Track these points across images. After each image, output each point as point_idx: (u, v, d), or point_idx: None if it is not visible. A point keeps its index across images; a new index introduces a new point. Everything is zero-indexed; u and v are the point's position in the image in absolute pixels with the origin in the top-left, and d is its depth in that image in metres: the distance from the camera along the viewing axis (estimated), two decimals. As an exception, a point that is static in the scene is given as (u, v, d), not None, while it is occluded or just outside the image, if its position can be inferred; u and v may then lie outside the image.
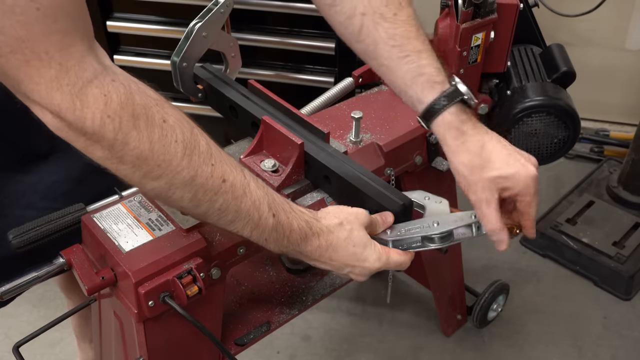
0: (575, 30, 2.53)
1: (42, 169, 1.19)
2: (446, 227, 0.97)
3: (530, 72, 1.51)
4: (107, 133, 0.71)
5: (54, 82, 0.67)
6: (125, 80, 0.74)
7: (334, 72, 2.11)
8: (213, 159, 0.81)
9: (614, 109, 2.72)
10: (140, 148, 0.74)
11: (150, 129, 0.74)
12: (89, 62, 0.70)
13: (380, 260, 0.94)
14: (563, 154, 1.50)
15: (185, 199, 0.81)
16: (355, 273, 0.96)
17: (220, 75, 1.25)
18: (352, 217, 0.95)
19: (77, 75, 0.68)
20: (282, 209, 0.89)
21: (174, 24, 2.16)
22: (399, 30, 0.93)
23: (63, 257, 0.97)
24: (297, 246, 0.91)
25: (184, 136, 0.78)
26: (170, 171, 0.77)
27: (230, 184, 0.83)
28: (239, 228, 0.87)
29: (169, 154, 0.76)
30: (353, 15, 0.95)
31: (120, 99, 0.71)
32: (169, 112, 0.78)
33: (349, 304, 2.03)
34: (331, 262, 0.94)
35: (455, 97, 0.93)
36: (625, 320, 1.97)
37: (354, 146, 1.26)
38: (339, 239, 0.93)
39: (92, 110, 0.70)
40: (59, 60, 0.67)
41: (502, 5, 1.36)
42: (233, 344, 1.19)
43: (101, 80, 0.70)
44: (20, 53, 0.65)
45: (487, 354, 1.88)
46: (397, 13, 0.94)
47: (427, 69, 0.94)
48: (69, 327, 1.76)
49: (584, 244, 2.11)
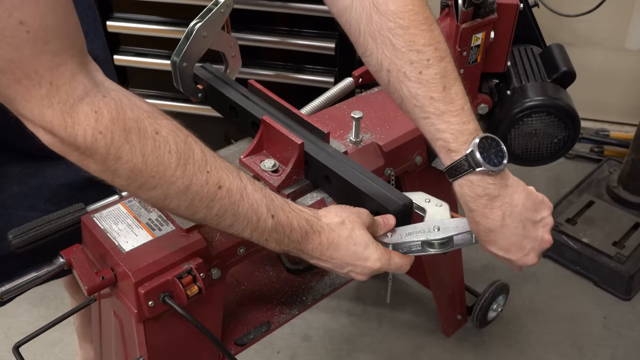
0: (575, 30, 2.53)
1: (49, 173, 1.20)
2: (447, 233, 0.97)
3: (530, 72, 1.51)
4: (100, 148, 0.72)
5: (45, 101, 0.68)
6: (117, 95, 0.74)
7: (334, 72, 2.11)
8: (208, 166, 0.81)
9: (614, 109, 2.72)
10: (134, 161, 0.75)
11: (143, 142, 0.75)
12: (80, 80, 0.70)
13: (381, 261, 0.94)
14: (563, 154, 1.50)
15: (182, 207, 0.82)
16: (355, 272, 0.96)
17: (220, 75, 1.25)
18: (354, 216, 0.95)
19: (67, 93, 0.69)
20: (281, 209, 0.89)
21: (174, 24, 2.16)
22: (421, 91, 0.88)
23: (63, 257, 0.97)
24: (298, 244, 0.91)
25: (177, 146, 0.78)
26: (165, 182, 0.78)
27: (226, 189, 0.83)
28: (239, 230, 0.87)
29: (162, 165, 0.77)
30: (380, 70, 0.92)
31: (112, 115, 0.72)
32: (162, 123, 0.78)
33: (349, 304, 2.03)
34: (332, 260, 0.94)
35: (463, 171, 0.88)
36: (625, 320, 1.97)
37: (354, 146, 1.26)
38: (340, 237, 0.92)
39: (84, 126, 0.70)
40: (49, 79, 0.68)
41: (502, 5, 1.36)
42: (233, 344, 1.19)
43: (92, 97, 0.71)
44: (10, 73, 0.66)
45: (487, 354, 1.88)
46: (422, 72, 0.88)
47: (443, 135, 0.89)
48: (69, 327, 1.76)
49: (584, 244, 2.11)
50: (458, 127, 0.88)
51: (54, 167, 1.20)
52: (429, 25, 0.89)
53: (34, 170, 1.18)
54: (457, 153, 0.88)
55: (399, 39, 0.88)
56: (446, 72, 0.88)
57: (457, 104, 0.88)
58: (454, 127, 0.88)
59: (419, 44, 0.88)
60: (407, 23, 0.88)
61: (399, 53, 0.88)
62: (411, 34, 0.88)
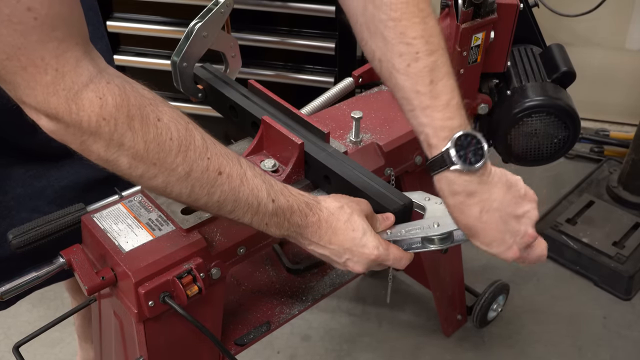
0: (575, 30, 2.53)
1: (52, 175, 1.20)
2: (446, 228, 0.97)
3: (530, 72, 1.51)
4: (103, 134, 0.73)
5: (50, 88, 0.68)
6: (120, 82, 0.75)
7: (334, 72, 2.11)
8: (209, 152, 0.82)
9: (614, 109, 2.72)
10: (136, 148, 0.75)
11: (145, 129, 0.75)
12: (84, 67, 0.70)
13: (378, 249, 0.94)
14: (563, 154, 1.50)
15: (184, 194, 0.82)
16: (353, 261, 0.95)
17: (220, 75, 1.25)
18: (353, 203, 0.96)
19: (72, 80, 0.69)
20: (281, 193, 0.90)
21: (174, 24, 2.16)
22: (408, 83, 0.88)
23: (63, 257, 0.97)
24: (298, 228, 0.92)
25: (178, 133, 0.79)
26: (166, 168, 0.78)
27: (226, 175, 0.84)
28: (239, 216, 0.88)
29: (163, 152, 0.77)
30: (373, 59, 0.92)
31: (116, 101, 0.73)
32: (163, 110, 0.78)
33: (349, 304, 2.03)
34: (330, 245, 0.94)
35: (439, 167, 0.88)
36: (625, 320, 1.97)
37: (354, 146, 1.26)
38: (339, 221, 0.93)
39: (88, 113, 0.71)
40: (55, 66, 0.68)
41: (502, 5, 1.36)
42: (233, 344, 1.19)
43: (96, 83, 0.71)
44: (16, 60, 0.66)
45: (487, 354, 1.88)
46: (410, 64, 0.87)
47: (425, 129, 0.88)
48: (69, 327, 1.76)
49: (584, 244, 2.11)
50: (440, 123, 0.87)
51: (58, 168, 1.20)
52: (422, 18, 0.87)
53: (38, 172, 1.18)
54: (436, 148, 0.88)
55: (390, 31, 0.87)
56: (436, 65, 0.87)
57: (442, 99, 0.87)
58: (436, 123, 0.87)
59: (409, 37, 0.87)
60: (399, 15, 0.87)
61: (389, 45, 0.88)
62: (402, 26, 0.87)
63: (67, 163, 1.20)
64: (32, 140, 1.14)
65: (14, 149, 1.15)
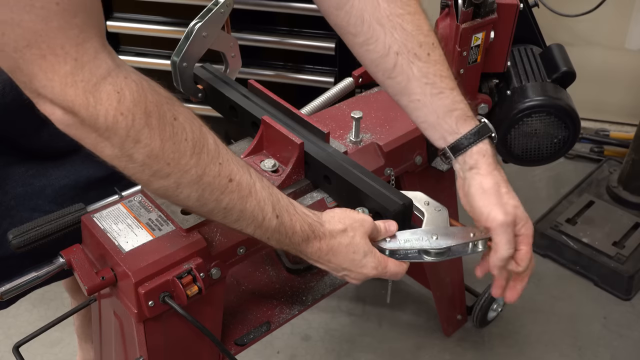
0: (575, 30, 2.53)
1: (53, 174, 1.19)
2: (445, 242, 0.98)
3: (530, 72, 1.51)
4: (120, 130, 0.71)
5: (69, 78, 0.67)
6: (137, 78, 0.73)
7: (334, 72, 2.11)
8: (221, 157, 0.81)
9: (614, 109, 2.72)
10: (152, 146, 0.74)
11: (162, 127, 0.74)
12: (103, 59, 0.69)
13: (377, 269, 0.96)
14: (563, 154, 1.50)
15: (192, 198, 0.81)
16: (350, 277, 0.97)
17: (220, 75, 1.25)
18: (357, 224, 0.95)
19: (91, 71, 0.68)
20: (286, 211, 0.89)
21: (174, 24, 2.16)
22: (431, 69, 0.99)
23: (63, 257, 0.97)
24: (298, 246, 0.92)
25: (193, 134, 0.78)
26: (179, 169, 0.77)
27: (236, 183, 0.83)
28: (243, 227, 0.87)
29: (178, 152, 0.76)
30: (387, 54, 1.00)
31: (133, 96, 0.71)
32: (179, 110, 0.78)
33: (349, 304, 2.03)
34: (329, 264, 0.95)
35: (486, 132, 1.01)
36: (625, 320, 1.97)
37: (354, 146, 1.26)
38: (341, 244, 0.93)
39: (106, 107, 0.69)
40: (74, 55, 0.67)
41: (502, 5, 1.35)
42: (233, 344, 1.19)
43: (114, 77, 0.70)
44: (36, 47, 0.65)
45: (487, 354, 1.88)
46: (430, 53, 0.99)
47: (459, 105, 1.01)
48: (69, 327, 1.76)
49: (584, 244, 2.11)
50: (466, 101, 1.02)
51: (58, 168, 1.20)
52: (425, 15, 1.01)
53: (38, 172, 1.18)
54: (474, 120, 1.01)
55: (409, 24, 0.99)
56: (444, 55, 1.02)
57: (456, 82, 1.02)
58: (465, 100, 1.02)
59: (425, 29, 1.00)
60: (413, 9, 0.99)
61: (409, 36, 0.98)
62: (417, 19, 0.99)
63: (67, 162, 1.20)
64: (32, 140, 1.14)
65: (14, 148, 1.15)
